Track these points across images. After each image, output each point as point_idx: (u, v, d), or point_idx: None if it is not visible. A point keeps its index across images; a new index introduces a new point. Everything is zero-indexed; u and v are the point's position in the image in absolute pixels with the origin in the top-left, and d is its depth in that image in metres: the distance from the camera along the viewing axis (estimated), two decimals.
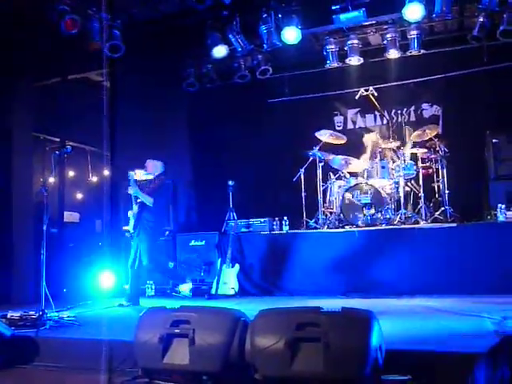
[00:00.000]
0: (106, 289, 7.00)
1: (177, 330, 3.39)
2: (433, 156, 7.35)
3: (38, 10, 6.54)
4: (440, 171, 7.28)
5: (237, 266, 6.77)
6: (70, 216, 8.33)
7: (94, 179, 9.44)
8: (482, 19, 7.14)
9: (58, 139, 8.16)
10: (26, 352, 4.17)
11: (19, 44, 7.03)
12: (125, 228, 7.54)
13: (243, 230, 7.30)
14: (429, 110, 8.55)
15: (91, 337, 4.29)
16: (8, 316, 4.84)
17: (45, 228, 5.00)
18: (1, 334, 4.15)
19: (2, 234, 6.99)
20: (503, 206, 6.36)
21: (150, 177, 7.71)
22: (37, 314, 4.79)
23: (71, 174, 8.88)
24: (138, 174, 7.77)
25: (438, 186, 7.39)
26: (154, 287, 7.10)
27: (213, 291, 6.68)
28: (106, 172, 8.67)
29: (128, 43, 7.04)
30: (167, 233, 7.52)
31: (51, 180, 6.40)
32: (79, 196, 9.15)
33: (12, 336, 4.23)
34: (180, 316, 3.47)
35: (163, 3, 7.05)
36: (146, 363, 3.48)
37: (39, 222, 5.42)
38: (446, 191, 7.09)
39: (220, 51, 7.43)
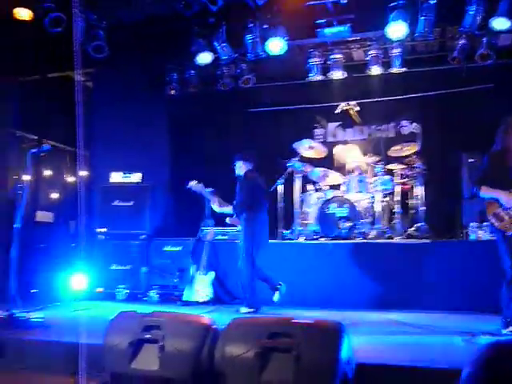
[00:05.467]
0: (78, 291, 6.89)
1: (147, 336, 3.36)
2: (410, 172, 7.45)
3: (22, 6, 6.47)
4: (416, 188, 7.38)
5: (212, 274, 6.74)
6: (43, 215, 8.21)
7: (70, 179, 9.34)
8: (462, 41, 7.30)
9: (35, 137, 8.04)
10: None
11: (1, 39, 6.94)
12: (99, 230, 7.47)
13: (219, 237, 7.28)
14: (408, 127, 8.63)
15: (59, 339, 4.22)
16: None
17: (17, 227, 4.92)
18: None
19: None
20: (475, 225, 6.48)
21: (129, 180, 7.68)
22: (4, 314, 4.69)
23: (47, 173, 8.76)
24: (115, 177, 7.76)
25: (414, 203, 7.49)
26: (125, 291, 7.02)
27: (186, 298, 6.63)
28: (83, 173, 8.58)
29: (113, 45, 7.00)
30: (143, 236, 7.45)
31: (26, 178, 6.28)
32: (54, 196, 9.04)
33: None
34: (151, 321, 3.43)
35: (150, 7, 7.04)
36: (114, 368, 3.43)
37: (11, 220, 5.33)
38: (421, 208, 7.18)
39: (204, 58, 7.43)
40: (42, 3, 6.31)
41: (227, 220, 6.26)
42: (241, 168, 6.24)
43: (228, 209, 6.16)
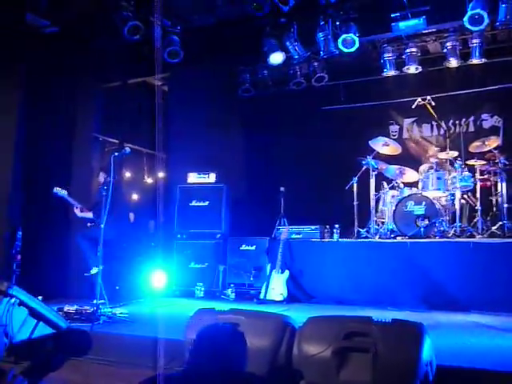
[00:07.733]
0: (158, 288, 7.15)
1: None
2: (492, 168, 7.12)
3: (104, 16, 6.79)
4: (499, 184, 7.06)
5: (286, 272, 6.78)
6: None
7: (149, 181, 9.70)
8: None
9: (116, 141, 8.42)
10: (80, 345, 4.32)
11: (85, 47, 7.33)
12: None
13: (294, 236, 7.30)
14: (489, 121, 8.30)
15: (142, 334, 4.40)
16: (64, 309, 5.04)
17: (102, 227, 5.17)
18: (57, 325, 4.32)
19: (61, 230, 7.27)
20: None
21: (204, 180, 7.88)
22: (92, 309, 4.96)
23: (128, 174, 9.14)
24: (192, 178, 8.00)
25: (497, 200, 7.16)
26: (203, 289, 7.20)
27: (261, 296, 6.71)
28: (161, 174, 8.89)
29: (186, 48, 7.20)
30: (218, 236, 7.61)
31: (109, 180, 6.61)
32: (134, 197, 9.41)
33: (68, 328, 4.40)
34: (229, 318, 3.50)
35: (222, 10, 7.18)
36: None
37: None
38: (505, 205, 6.85)
39: (277, 58, 7.48)
40: (122, 12, 6.58)
41: (88, 224, 6.55)
42: (103, 177, 6.53)
43: (89, 214, 6.46)
